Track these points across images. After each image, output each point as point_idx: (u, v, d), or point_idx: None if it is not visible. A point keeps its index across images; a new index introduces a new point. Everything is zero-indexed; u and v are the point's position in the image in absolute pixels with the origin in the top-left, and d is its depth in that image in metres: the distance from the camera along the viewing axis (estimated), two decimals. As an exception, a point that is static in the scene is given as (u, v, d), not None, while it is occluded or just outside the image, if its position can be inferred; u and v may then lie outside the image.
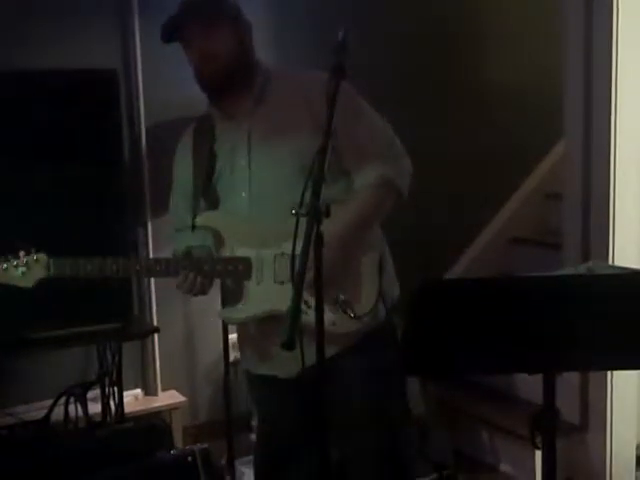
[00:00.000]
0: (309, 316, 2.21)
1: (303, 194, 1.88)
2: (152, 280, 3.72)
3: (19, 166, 3.10)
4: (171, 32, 2.44)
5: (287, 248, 2.24)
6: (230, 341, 3.44)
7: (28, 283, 2.35)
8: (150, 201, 3.68)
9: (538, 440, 1.89)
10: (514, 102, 4.39)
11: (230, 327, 3.36)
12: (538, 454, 1.94)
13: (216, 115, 2.51)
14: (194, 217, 2.45)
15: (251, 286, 2.38)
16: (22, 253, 2.35)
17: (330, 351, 2.25)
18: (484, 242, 4.57)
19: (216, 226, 2.43)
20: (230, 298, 2.52)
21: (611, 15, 3.13)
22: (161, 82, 3.64)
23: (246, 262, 2.37)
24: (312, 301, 2.20)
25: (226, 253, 2.41)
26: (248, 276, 2.37)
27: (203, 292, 2.42)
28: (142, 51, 3.61)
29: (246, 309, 2.41)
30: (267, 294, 2.36)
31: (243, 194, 2.42)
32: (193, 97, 3.66)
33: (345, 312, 2.31)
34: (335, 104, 1.95)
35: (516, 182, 4.61)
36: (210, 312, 3.71)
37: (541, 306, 1.75)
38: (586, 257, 3.27)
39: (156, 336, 3.72)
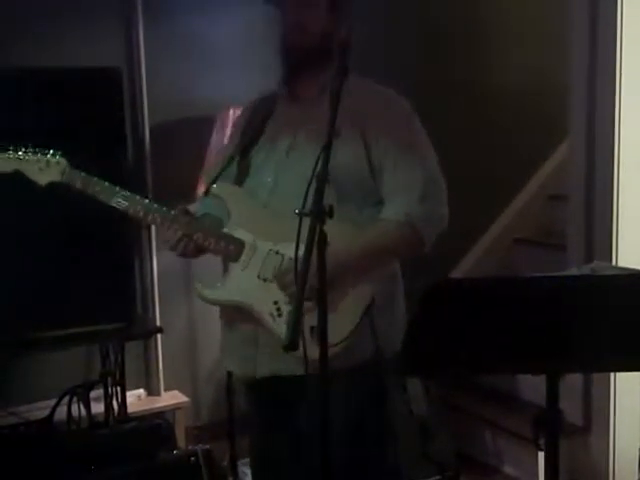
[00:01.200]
0: (275, 323, 2.23)
1: (307, 193, 1.86)
2: (155, 280, 3.72)
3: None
4: None
5: (282, 248, 2.25)
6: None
7: (42, 180, 2.36)
8: (153, 199, 3.68)
9: (541, 441, 1.88)
10: (517, 103, 4.39)
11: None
12: (541, 455, 1.92)
13: (284, 93, 2.42)
14: (213, 182, 2.38)
15: (234, 270, 2.30)
16: (47, 151, 2.37)
17: (291, 369, 2.20)
18: (488, 243, 4.57)
19: (227, 199, 2.34)
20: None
21: (616, 15, 3.12)
22: (164, 81, 3.66)
23: (239, 244, 2.29)
24: (284, 310, 2.22)
25: (226, 229, 2.33)
26: (236, 259, 2.29)
27: (185, 255, 2.34)
28: (146, 50, 3.62)
29: (221, 291, 2.32)
30: (245, 285, 2.28)
31: (269, 179, 2.34)
32: (196, 95, 3.71)
33: (311, 335, 2.07)
34: (339, 102, 1.93)
35: (520, 183, 4.61)
36: (213, 313, 3.73)
37: (544, 307, 1.75)
38: (589, 258, 3.26)
39: (159, 336, 3.73)
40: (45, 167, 2.36)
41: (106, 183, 2.36)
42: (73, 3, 3.42)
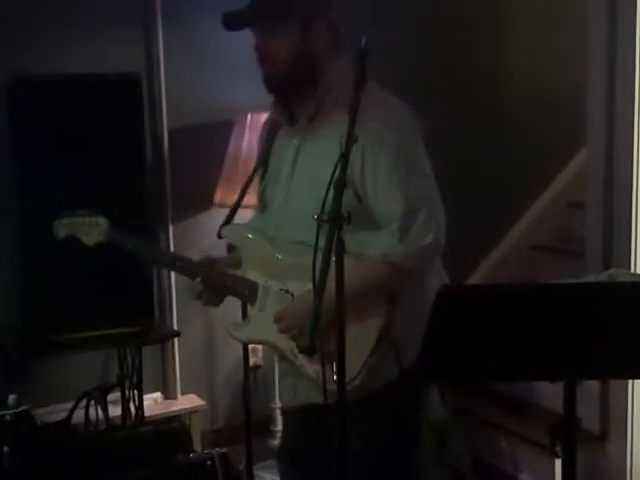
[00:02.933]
0: (298, 360, 2.25)
1: (325, 200, 1.86)
2: (173, 284, 3.74)
3: (44, 166, 3.13)
4: (235, 23, 2.29)
5: (291, 287, 2.25)
6: (250, 346, 3.44)
7: (90, 242, 2.49)
8: (172, 204, 3.70)
9: (558, 449, 1.87)
10: (536, 109, 4.37)
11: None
12: (558, 463, 1.92)
13: (278, 116, 2.38)
14: (225, 223, 2.43)
15: (253, 311, 2.35)
16: (87, 212, 2.51)
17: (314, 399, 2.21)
18: (505, 249, 4.55)
19: (236, 243, 2.41)
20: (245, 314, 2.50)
21: (635, 21, 3.11)
22: (183, 86, 3.67)
23: (253, 287, 2.33)
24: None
25: (241, 271, 2.38)
26: (252, 301, 2.34)
27: (212, 303, 2.44)
28: (165, 55, 3.64)
29: (245, 331, 2.40)
30: (266, 324, 2.28)
31: (274, 213, 2.35)
32: (214, 100, 3.72)
33: (330, 370, 2.03)
34: (357, 110, 1.89)
35: (538, 190, 4.60)
36: (230, 317, 3.73)
37: (562, 314, 1.74)
38: (608, 265, 3.24)
39: (176, 340, 3.74)
40: (89, 230, 2.48)
41: (138, 241, 2.50)
42: (92, 9, 3.44)
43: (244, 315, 2.49)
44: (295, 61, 2.22)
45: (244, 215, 2.56)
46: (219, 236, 2.42)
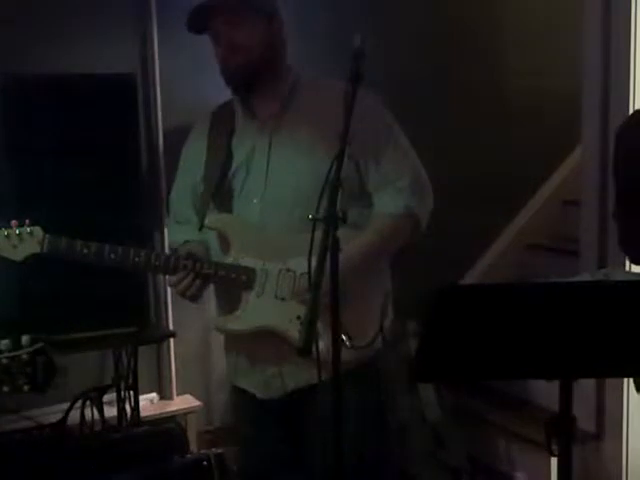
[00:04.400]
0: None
1: (320, 199, 1.87)
2: (168, 285, 3.73)
3: (39, 166, 3.12)
4: (198, 22, 2.32)
5: (292, 265, 2.27)
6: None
7: (17, 257, 2.24)
8: (167, 205, 3.70)
9: (554, 447, 1.87)
10: (532, 108, 4.38)
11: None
12: (554, 461, 1.92)
13: (239, 110, 2.42)
14: (203, 215, 2.36)
15: (251, 298, 2.30)
16: (14, 222, 2.24)
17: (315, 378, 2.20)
18: (500, 248, 4.56)
19: (226, 230, 2.34)
20: (223, 306, 2.45)
21: (630, 19, 3.11)
22: (178, 86, 3.66)
23: (251, 273, 2.29)
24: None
25: (229, 259, 2.32)
26: (250, 287, 2.29)
27: (195, 296, 2.31)
28: (160, 55, 3.63)
29: (243, 320, 2.32)
30: (265, 308, 2.28)
31: (255, 200, 2.34)
32: (210, 100, 3.70)
33: (342, 341, 2.07)
34: (352, 110, 1.92)
35: (533, 188, 4.60)
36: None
37: (558, 312, 1.74)
38: (603, 263, 3.25)
39: (172, 340, 3.74)
40: (19, 242, 2.24)
41: (93, 245, 2.26)
42: (87, 9, 3.44)
43: (226, 309, 2.41)
44: (263, 50, 2.30)
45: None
46: (201, 227, 2.35)
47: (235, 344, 2.48)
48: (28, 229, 2.24)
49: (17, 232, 2.23)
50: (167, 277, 2.40)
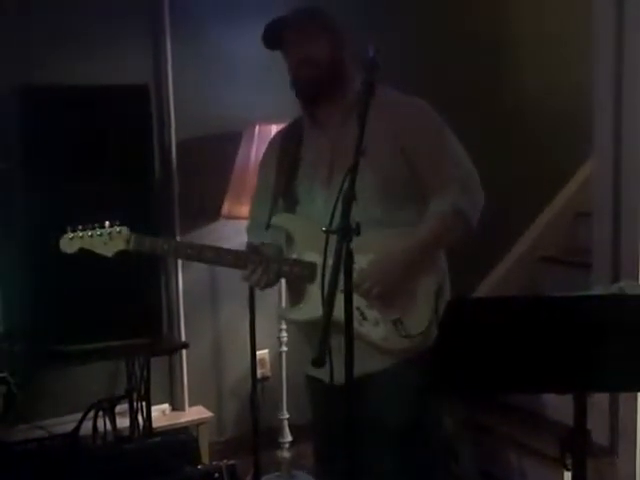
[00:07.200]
0: (364, 327, 2.40)
1: (334, 212, 1.89)
2: (181, 296, 3.74)
3: (50, 178, 3.13)
4: (272, 38, 2.51)
5: (355, 260, 2.32)
6: (257, 357, 3.45)
7: (108, 252, 2.52)
8: (179, 215, 3.71)
9: (568, 461, 1.87)
10: (544, 120, 4.38)
11: (258, 343, 3.37)
12: (568, 476, 1.91)
13: (307, 121, 2.58)
14: (270, 216, 2.53)
15: (313, 290, 2.42)
16: (107, 224, 2.53)
17: (377, 365, 2.42)
18: (513, 261, 4.54)
19: (289, 228, 2.52)
20: (292, 298, 2.61)
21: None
22: (191, 97, 3.68)
23: (312, 267, 2.43)
24: (368, 313, 2.40)
25: (294, 254, 2.49)
26: (312, 280, 2.43)
27: (269, 285, 2.50)
28: (173, 67, 3.64)
29: (306, 311, 2.45)
30: None
31: (318, 203, 2.49)
32: (223, 111, 3.72)
33: (396, 329, 2.38)
34: (365, 121, 1.95)
35: (545, 200, 4.59)
36: (237, 329, 3.74)
37: (572, 326, 1.74)
38: (616, 277, 3.23)
39: (184, 352, 3.74)
40: (109, 240, 2.52)
41: (172, 241, 2.61)
42: (101, 21, 3.46)
43: (293, 301, 2.59)
44: (330, 64, 2.46)
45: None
46: (268, 226, 2.53)
47: (305, 336, 2.58)
48: (117, 229, 2.53)
49: (108, 232, 2.52)
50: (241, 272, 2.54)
